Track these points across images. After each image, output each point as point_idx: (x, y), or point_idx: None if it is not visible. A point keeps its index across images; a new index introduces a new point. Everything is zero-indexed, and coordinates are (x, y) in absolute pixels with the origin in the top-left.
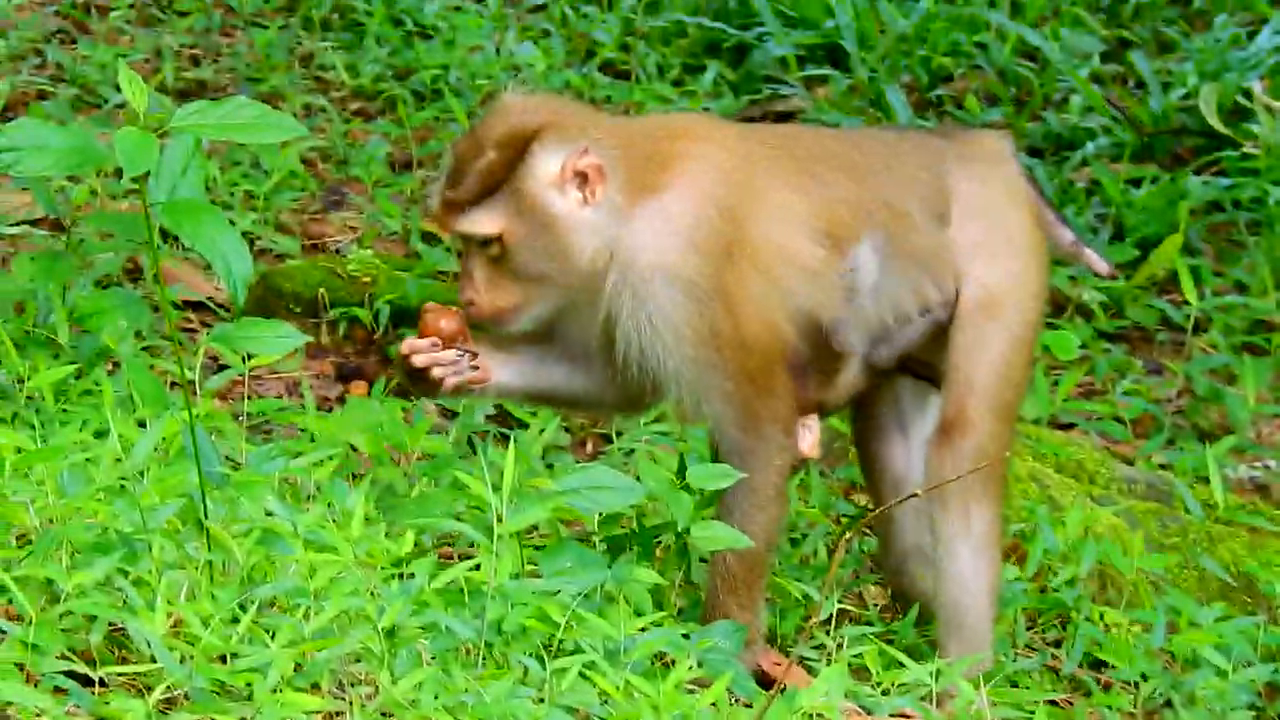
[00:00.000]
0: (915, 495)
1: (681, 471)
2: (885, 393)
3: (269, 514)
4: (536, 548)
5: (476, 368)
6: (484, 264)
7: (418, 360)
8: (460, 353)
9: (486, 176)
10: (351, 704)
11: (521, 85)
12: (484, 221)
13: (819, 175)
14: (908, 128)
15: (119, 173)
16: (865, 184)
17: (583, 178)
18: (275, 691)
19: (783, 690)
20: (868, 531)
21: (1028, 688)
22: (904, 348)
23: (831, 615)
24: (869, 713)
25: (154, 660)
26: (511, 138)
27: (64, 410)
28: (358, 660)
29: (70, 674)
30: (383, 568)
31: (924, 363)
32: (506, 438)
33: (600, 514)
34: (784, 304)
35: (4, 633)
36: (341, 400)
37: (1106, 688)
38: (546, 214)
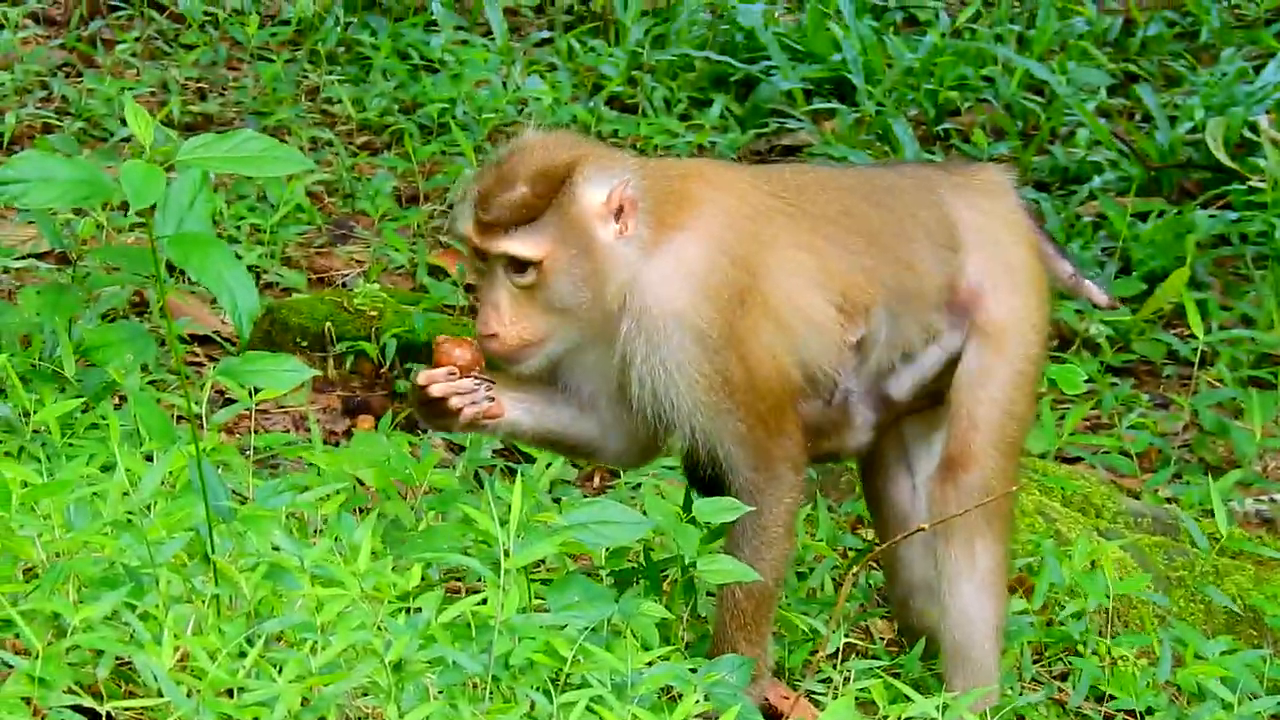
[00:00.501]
0: (921, 530)
1: (688, 506)
2: (891, 430)
3: (276, 548)
4: (544, 582)
5: (492, 398)
6: (511, 294)
7: (435, 390)
8: (478, 381)
9: (528, 203)
10: None
11: (538, 120)
12: (528, 245)
13: (833, 237)
14: (907, 163)
15: (125, 206)
16: (877, 243)
17: (619, 210)
18: None
19: None
20: (875, 565)
21: None
22: (920, 383)
23: (838, 649)
24: None
25: (161, 694)
26: (552, 166)
27: (70, 444)
28: (365, 695)
29: (77, 708)
30: (390, 602)
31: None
32: (513, 472)
33: (607, 548)
34: (793, 351)
35: (11, 667)
36: (348, 434)
37: None
38: (591, 242)
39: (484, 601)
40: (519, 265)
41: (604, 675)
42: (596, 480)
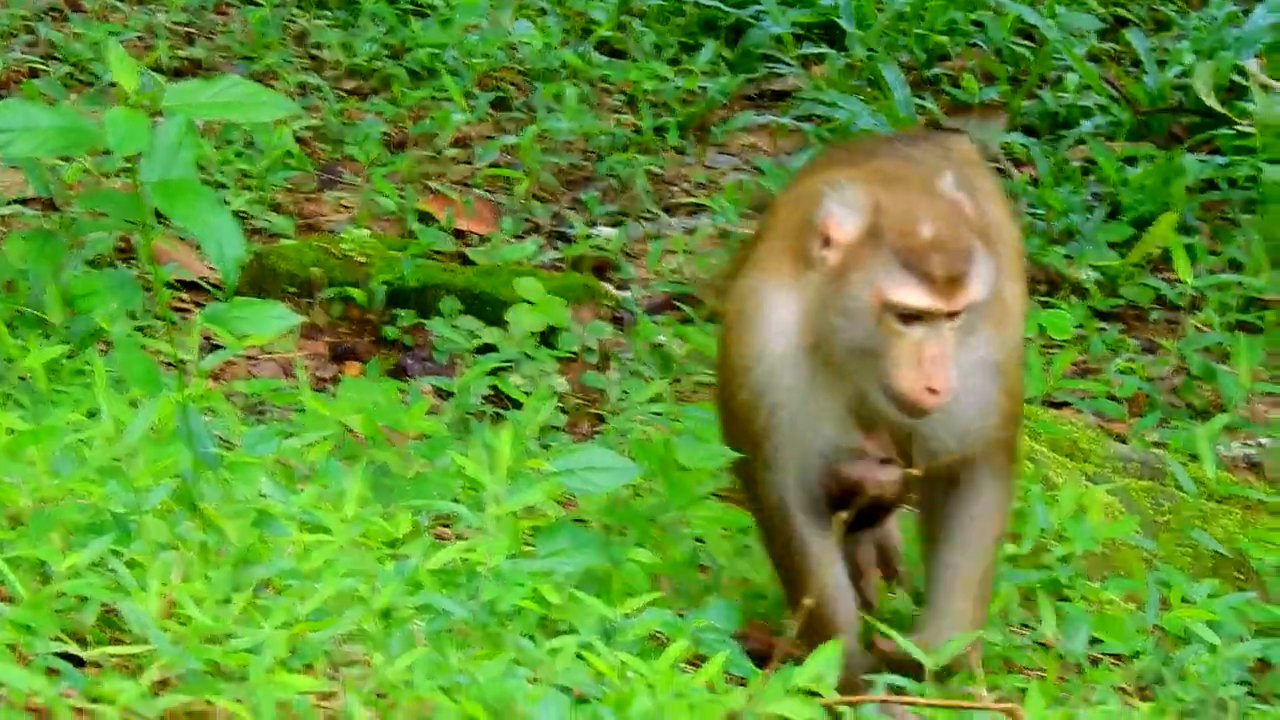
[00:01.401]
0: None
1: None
2: None
3: (263, 495)
4: (533, 529)
5: None
6: (948, 342)
7: None
8: None
9: (971, 244)
10: (345, 685)
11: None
12: (982, 286)
13: None
14: (916, 136)
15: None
16: None
17: None
18: (269, 673)
19: (778, 668)
20: None
21: (1022, 664)
22: None
23: None
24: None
25: (147, 641)
26: (951, 194)
27: (56, 391)
28: (352, 641)
29: (63, 655)
30: (378, 549)
31: None
32: (502, 418)
33: (597, 494)
34: None
35: None
36: (336, 381)
37: (1098, 664)
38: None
39: (472, 548)
40: (957, 312)
41: (592, 621)
42: (585, 426)
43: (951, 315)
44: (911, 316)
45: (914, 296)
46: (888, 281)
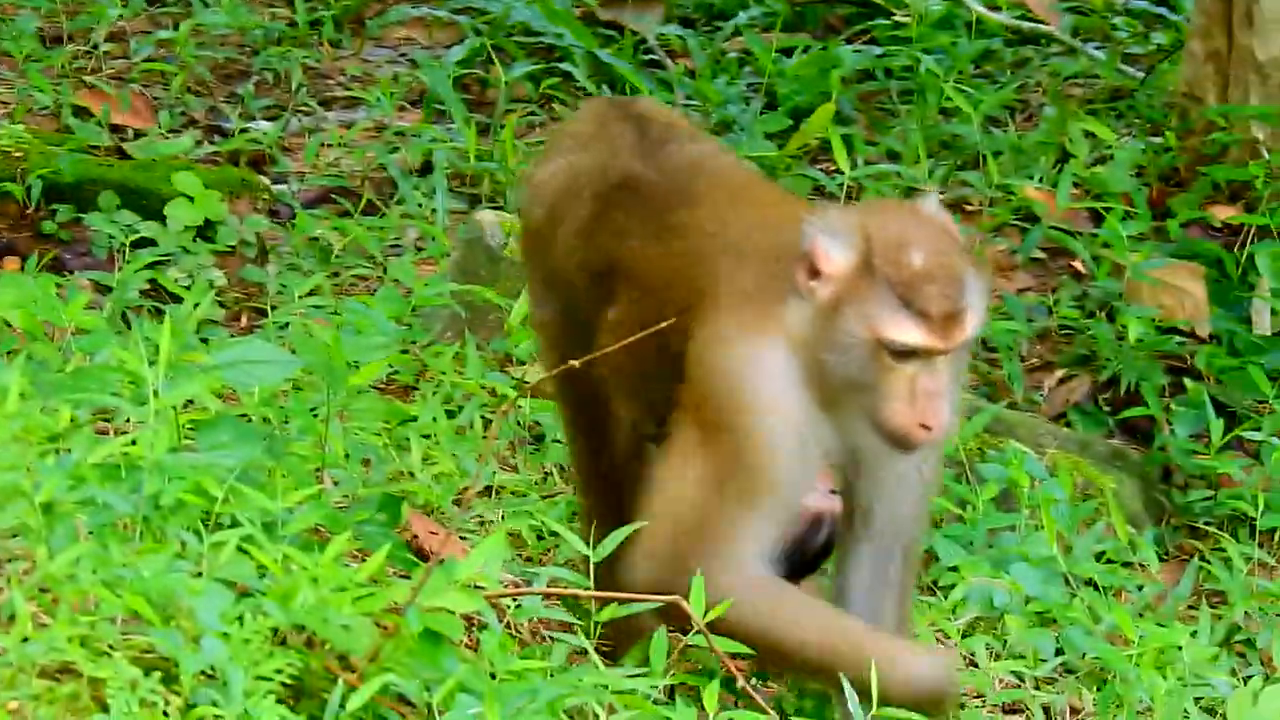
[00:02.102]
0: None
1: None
2: None
3: None
4: (194, 423)
5: None
6: (943, 377)
7: None
8: None
9: (966, 276)
10: (9, 580)
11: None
12: (978, 318)
13: None
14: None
15: None
16: None
17: None
18: None
19: (441, 562)
20: (522, 407)
21: None
22: None
23: (490, 487)
24: (528, 584)
25: None
26: (950, 232)
27: None
28: (15, 536)
29: None
30: (38, 443)
31: None
32: (161, 313)
33: (258, 388)
34: None
35: None
36: None
37: None
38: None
39: (133, 442)
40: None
41: (255, 515)
42: (245, 320)
43: (947, 351)
44: (907, 353)
45: (911, 335)
46: (883, 319)
